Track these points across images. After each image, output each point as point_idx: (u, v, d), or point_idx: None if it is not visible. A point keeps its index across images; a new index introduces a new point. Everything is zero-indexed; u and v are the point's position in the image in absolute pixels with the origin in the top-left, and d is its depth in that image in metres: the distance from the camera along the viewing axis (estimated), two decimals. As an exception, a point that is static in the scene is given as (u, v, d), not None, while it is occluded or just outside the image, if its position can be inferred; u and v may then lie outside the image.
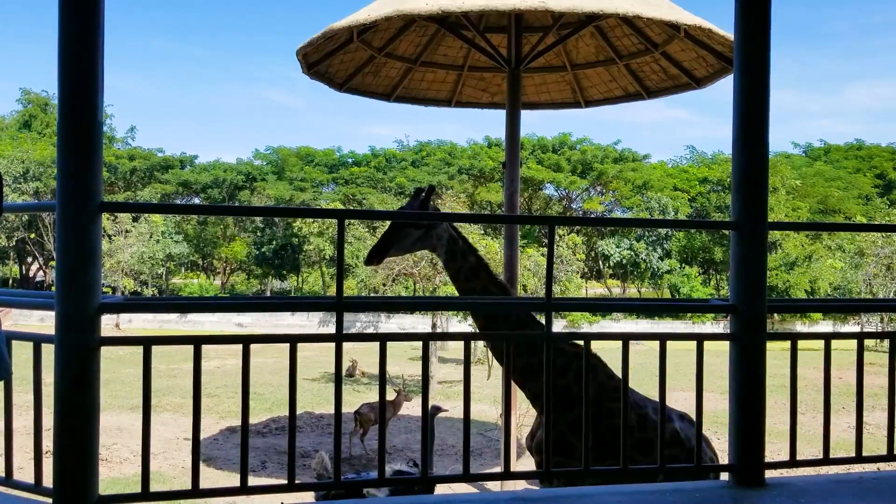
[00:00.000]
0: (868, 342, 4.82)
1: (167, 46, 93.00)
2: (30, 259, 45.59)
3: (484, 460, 10.37)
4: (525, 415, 11.49)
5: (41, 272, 45.03)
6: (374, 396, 13.15)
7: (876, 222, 39.23)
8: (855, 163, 54.38)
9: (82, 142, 2.49)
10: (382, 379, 2.95)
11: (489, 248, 21.35)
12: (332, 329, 2.86)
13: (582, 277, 35.23)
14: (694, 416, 3.31)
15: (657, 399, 3.26)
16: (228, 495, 4.11)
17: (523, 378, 4.39)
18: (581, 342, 3.36)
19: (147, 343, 2.68)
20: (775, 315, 30.08)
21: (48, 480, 2.56)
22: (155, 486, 2.70)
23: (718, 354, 4.42)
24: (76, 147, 2.49)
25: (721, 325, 32.31)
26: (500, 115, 8.27)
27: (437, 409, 7.28)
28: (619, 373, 3.40)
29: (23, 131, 46.73)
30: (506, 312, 4.36)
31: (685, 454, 4.39)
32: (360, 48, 8.13)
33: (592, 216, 46.85)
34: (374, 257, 4.21)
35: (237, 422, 11.51)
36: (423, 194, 4.36)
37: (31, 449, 2.73)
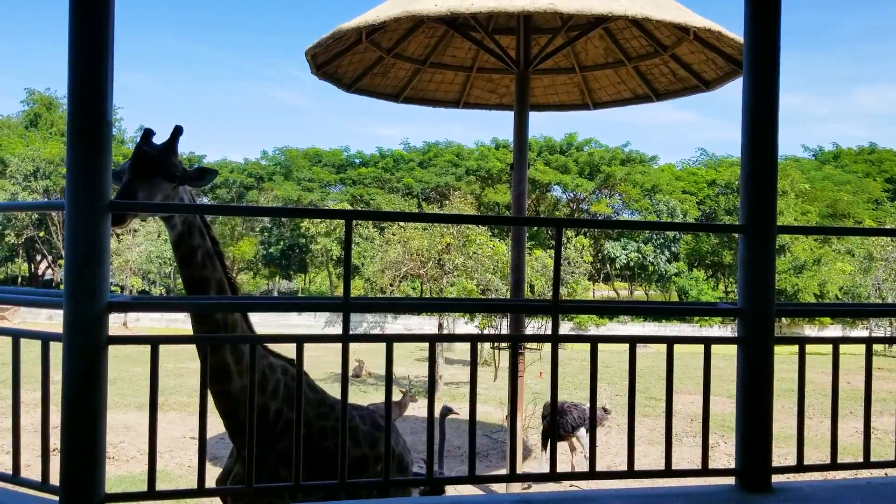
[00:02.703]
0: (876, 347, 4.79)
1: (176, 45, 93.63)
2: (38, 257, 45.88)
3: (490, 462, 10.34)
4: (531, 416, 11.47)
5: (49, 270, 45.32)
6: (380, 397, 13.16)
7: (886, 227, 38.99)
8: (865, 167, 54.12)
9: (92, 142, 2.50)
10: (389, 379, 2.95)
11: (497, 249, 21.28)
12: (338, 329, 2.85)
13: (589, 280, 35.17)
14: (700, 420, 3.30)
15: None
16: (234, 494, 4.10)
17: (221, 399, 3.46)
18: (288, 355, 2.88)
19: (154, 342, 2.68)
20: (783, 319, 29.93)
21: (55, 478, 2.57)
22: (161, 485, 2.70)
23: (726, 357, 4.39)
24: (85, 147, 2.50)
25: (729, 329, 32.20)
26: (507, 117, 8.28)
27: (449, 410, 6.88)
28: (621, 375, 3.38)
29: (31, 130, 47.07)
30: (224, 315, 3.67)
31: (397, 465, 4.12)
32: (368, 49, 8.15)
33: (600, 218, 46.78)
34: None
35: (243, 421, 11.49)
36: (171, 135, 3.43)
37: (39, 446, 2.74)
